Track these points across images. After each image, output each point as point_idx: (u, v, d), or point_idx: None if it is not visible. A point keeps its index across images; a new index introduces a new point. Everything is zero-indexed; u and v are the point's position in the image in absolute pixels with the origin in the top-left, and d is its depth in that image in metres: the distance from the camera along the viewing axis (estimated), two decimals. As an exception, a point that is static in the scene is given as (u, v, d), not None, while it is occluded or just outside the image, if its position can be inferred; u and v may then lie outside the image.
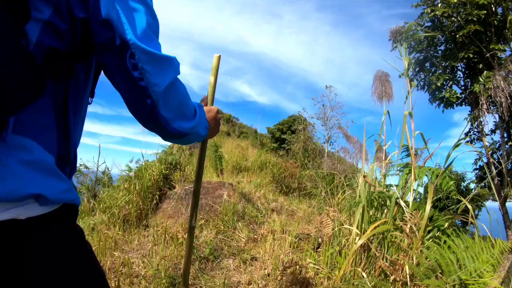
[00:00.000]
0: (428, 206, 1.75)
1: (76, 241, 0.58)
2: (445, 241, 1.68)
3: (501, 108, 4.93)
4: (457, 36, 5.12)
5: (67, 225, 0.57)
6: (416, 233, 1.80)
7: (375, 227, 1.83)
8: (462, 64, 5.75)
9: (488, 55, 5.06)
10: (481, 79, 4.85)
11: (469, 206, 1.87)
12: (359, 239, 1.93)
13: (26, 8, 0.46)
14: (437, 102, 5.92)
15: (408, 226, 1.81)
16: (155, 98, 0.59)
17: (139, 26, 0.56)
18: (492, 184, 5.44)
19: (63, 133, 0.59)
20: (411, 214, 1.87)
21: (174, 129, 0.67)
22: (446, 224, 2.04)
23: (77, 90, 0.61)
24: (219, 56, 1.08)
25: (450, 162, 2.04)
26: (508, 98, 4.36)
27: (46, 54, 0.52)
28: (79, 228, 0.61)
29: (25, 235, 0.48)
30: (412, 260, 1.78)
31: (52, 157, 0.55)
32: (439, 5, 5.33)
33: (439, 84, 5.58)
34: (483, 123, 5.56)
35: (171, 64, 0.63)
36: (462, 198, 1.94)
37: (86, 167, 4.76)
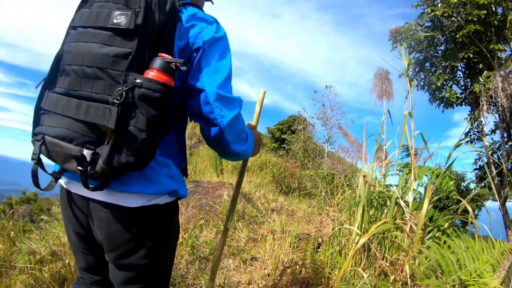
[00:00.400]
0: (425, 205, 1.75)
1: (176, 213, 0.96)
2: (445, 241, 1.68)
3: (501, 108, 4.93)
4: (457, 36, 5.12)
5: (177, 206, 0.96)
6: (416, 232, 1.80)
7: (377, 227, 1.83)
8: (462, 64, 5.75)
9: (488, 55, 5.06)
10: (481, 79, 4.85)
11: (468, 207, 1.87)
12: (359, 239, 1.93)
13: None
14: (437, 102, 5.92)
15: (408, 226, 1.81)
16: (221, 126, 0.83)
17: (217, 81, 0.83)
18: (492, 184, 5.44)
19: (182, 155, 0.96)
20: (411, 214, 1.88)
21: (233, 150, 0.91)
22: (446, 224, 2.04)
23: (184, 124, 0.97)
24: (265, 92, 1.32)
25: (451, 163, 2.04)
26: (509, 98, 4.36)
27: (173, 106, 0.85)
28: (178, 207, 0.98)
29: (161, 212, 0.87)
30: (413, 260, 1.78)
31: (178, 170, 0.92)
32: (439, 5, 5.33)
33: (439, 84, 5.58)
34: (483, 123, 5.56)
35: (236, 102, 0.87)
36: (461, 199, 1.94)
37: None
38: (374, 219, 2.27)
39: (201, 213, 4.10)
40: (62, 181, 0.92)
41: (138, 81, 0.69)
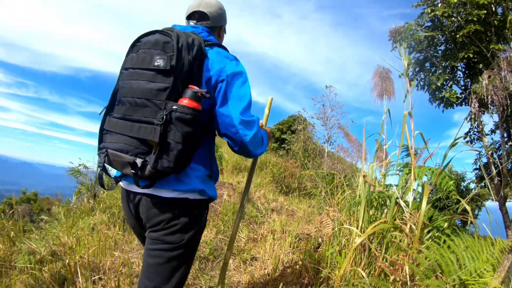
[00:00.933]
0: (424, 204, 1.75)
1: (205, 211, 1.22)
2: (444, 241, 1.68)
3: (495, 107, 4.93)
4: (457, 36, 5.12)
5: (207, 206, 1.22)
6: (415, 232, 1.80)
7: (375, 226, 1.83)
8: (462, 64, 5.75)
9: (488, 55, 5.06)
10: (481, 79, 4.85)
11: (467, 207, 1.87)
12: (358, 238, 1.93)
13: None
14: (437, 102, 5.92)
15: (408, 225, 1.81)
16: (245, 142, 1.13)
17: (240, 108, 1.10)
18: (492, 184, 5.44)
19: (211, 161, 1.22)
20: (410, 213, 1.88)
21: (255, 154, 1.23)
22: (446, 224, 2.04)
23: (212, 138, 1.25)
24: (272, 98, 1.67)
25: (448, 162, 2.04)
26: (501, 97, 4.37)
27: (202, 124, 1.09)
28: (208, 207, 1.24)
29: (190, 205, 1.12)
30: (413, 260, 1.78)
31: (209, 172, 1.19)
32: (439, 5, 5.32)
33: (439, 84, 5.58)
34: (482, 122, 5.56)
35: (255, 122, 1.16)
36: (460, 199, 1.93)
37: (85, 167, 4.76)
38: (374, 219, 2.27)
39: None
40: (122, 183, 1.20)
41: (174, 107, 0.97)
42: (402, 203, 2.00)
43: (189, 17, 1.28)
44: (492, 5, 5.14)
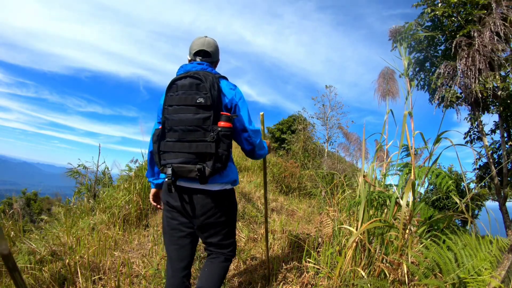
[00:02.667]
0: (405, 201, 1.77)
1: (234, 195, 1.72)
2: (444, 241, 1.68)
3: (500, 108, 4.93)
4: (457, 36, 5.12)
5: (234, 191, 1.72)
6: (411, 230, 1.80)
7: (368, 225, 1.84)
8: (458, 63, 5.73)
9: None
10: (480, 79, 4.85)
11: (463, 207, 1.87)
12: (354, 236, 1.93)
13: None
14: (437, 102, 5.92)
15: (401, 223, 1.81)
16: (255, 145, 1.62)
17: (249, 119, 1.59)
18: (492, 183, 5.44)
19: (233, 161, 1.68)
20: (405, 213, 1.88)
21: (260, 155, 1.71)
22: (445, 223, 2.04)
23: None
24: (263, 114, 2.04)
25: (435, 159, 2.06)
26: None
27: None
28: (235, 191, 1.72)
29: (226, 193, 1.62)
30: (413, 259, 1.78)
31: (236, 169, 1.70)
32: (439, 4, 5.32)
33: (439, 84, 5.58)
34: (482, 122, 5.56)
35: (259, 131, 1.65)
36: (457, 199, 1.93)
37: (84, 167, 4.76)
38: (373, 219, 2.26)
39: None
40: (172, 183, 1.51)
41: (219, 129, 1.44)
42: (402, 203, 2.00)
43: (196, 54, 1.70)
44: (492, 5, 5.14)
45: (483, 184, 6.02)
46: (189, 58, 1.72)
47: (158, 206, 1.87)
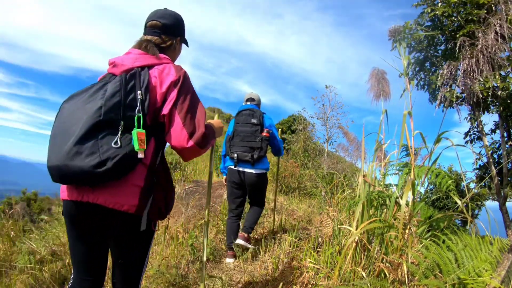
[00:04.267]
0: (404, 201, 1.77)
1: (267, 176, 3.11)
2: (443, 241, 1.68)
3: (500, 108, 4.93)
4: (457, 35, 5.11)
5: (267, 174, 3.11)
6: (412, 230, 1.80)
7: (366, 224, 1.83)
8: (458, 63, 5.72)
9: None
10: (480, 79, 4.85)
11: (462, 207, 1.86)
12: (353, 236, 1.93)
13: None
14: (436, 101, 5.91)
15: (401, 223, 1.81)
16: (279, 148, 3.12)
17: (277, 135, 3.08)
18: (492, 183, 5.44)
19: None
20: (405, 212, 1.87)
21: (280, 154, 3.25)
22: (445, 223, 2.04)
23: None
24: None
25: (435, 159, 2.06)
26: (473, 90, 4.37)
27: None
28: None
29: (264, 175, 3.01)
30: (413, 259, 1.78)
31: (268, 162, 3.15)
32: (439, 4, 5.31)
33: (439, 84, 5.57)
34: (482, 122, 5.55)
35: (282, 141, 3.19)
36: (456, 199, 1.93)
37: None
38: (373, 218, 2.26)
39: (201, 213, 4.10)
40: (238, 168, 2.89)
41: (263, 135, 2.86)
42: (402, 203, 2.00)
43: (248, 100, 3.08)
44: (492, 5, 5.14)
45: (483, 184, 6.02)
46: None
47: (225, 183, 3.11)
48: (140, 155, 1.04)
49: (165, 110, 1.12)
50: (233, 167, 2.89)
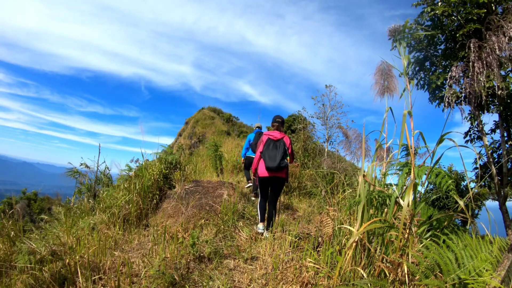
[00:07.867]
0: (406, 202, 1.76)
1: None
2: (444, 241, 1.67)
3: (500, 107, 4.93)
4: (457, 35, 5.12)
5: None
6: (412, 230, 1.79)
7: (367, 225, 1.83)
8: (462, 63, 5.72)
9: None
10: (480, 79, 4.85)
11: (463, 206, 1.86)
12: (353, 236, 1.93)
13: None
14: (437, 101, 5.92)
15: (401, 222, 1.81)
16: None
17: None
18: (492, 183, 5.44)
19: None
20: (405, 213, 1.87)
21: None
22: (445, 223, 2.03)
23: None
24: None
25: (437, 159, 2.05)
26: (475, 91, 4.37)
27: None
28: None
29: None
30: (413, 259, 1.78)
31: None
32: (439, 4, 5.32)
33: (439, 83, 5.58)
34: (482, 122, 5.56)
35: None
36: (457, 198, 1.93)
37: (87, 166, 4.75)
38: (373, 218, 2.26)
39: (201, 212, 4.09)
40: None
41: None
42: (402, 203, 2.00)
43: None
44: (492, 4, 5.14)
45: (483, 183, 6.02)
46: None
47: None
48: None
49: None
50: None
